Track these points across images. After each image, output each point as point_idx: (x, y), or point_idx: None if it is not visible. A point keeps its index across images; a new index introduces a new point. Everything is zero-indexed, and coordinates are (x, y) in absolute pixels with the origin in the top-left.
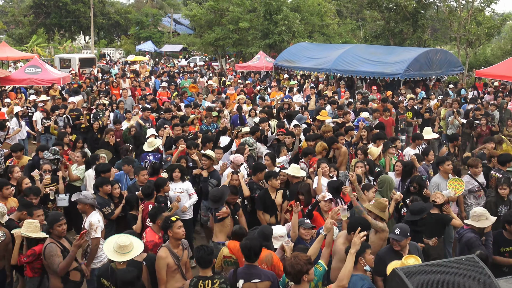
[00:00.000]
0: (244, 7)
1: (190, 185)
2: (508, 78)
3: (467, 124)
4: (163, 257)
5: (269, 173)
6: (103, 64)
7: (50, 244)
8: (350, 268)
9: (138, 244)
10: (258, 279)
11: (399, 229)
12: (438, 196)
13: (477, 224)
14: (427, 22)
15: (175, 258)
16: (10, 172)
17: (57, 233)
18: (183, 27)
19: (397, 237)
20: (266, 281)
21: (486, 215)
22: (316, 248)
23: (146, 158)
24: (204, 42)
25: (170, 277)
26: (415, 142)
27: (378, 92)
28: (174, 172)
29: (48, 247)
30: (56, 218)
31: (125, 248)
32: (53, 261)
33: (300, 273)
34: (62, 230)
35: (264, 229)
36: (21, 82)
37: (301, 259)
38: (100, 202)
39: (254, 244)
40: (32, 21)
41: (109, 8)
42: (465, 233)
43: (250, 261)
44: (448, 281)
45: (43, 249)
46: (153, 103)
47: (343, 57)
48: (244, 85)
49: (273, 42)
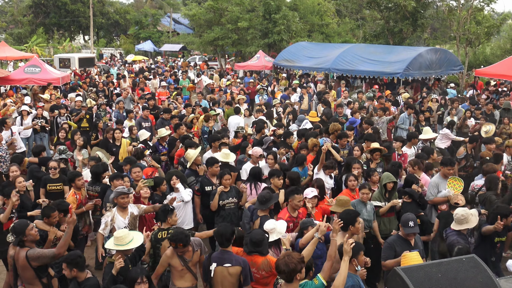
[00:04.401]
0: (243, 6)
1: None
2: (508, 77)
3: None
4: (168, 256)
5: (272, 172)
6: (102, 64)
7: (29, 250)
8: (345, 275)
9: (137, 237)
10: (229, 263)
11: (412, 221)
12: (460, 199)
13: (461, 227)
14: (426, 22)
15: (181, 260)
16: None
17: (32, 238)
18: (183, 26)
19: (414, 230)
20: (236, 266)
21: (468, 216)
22: (310, 250)
23: None
24: (204, 42)
25: (178, 277)
26: (410, 141)
27: (378, 92)
28: (172, 180)
29: (30, 251)
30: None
31: (121, 239)
32: (44, 253)
33: (293, 271)
34: (35, 233)
35: (254, 235)
36: (21, 82)
37: (294, 257)
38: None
39: (225, 231)
40: (32, 20)
41: (109, 8)
42: (450, 235)
43: (223, 247)
44: (449, 281)
45: (25, 258)
46: (151, 102)
47: (342, 57)
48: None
49: (272, 41)
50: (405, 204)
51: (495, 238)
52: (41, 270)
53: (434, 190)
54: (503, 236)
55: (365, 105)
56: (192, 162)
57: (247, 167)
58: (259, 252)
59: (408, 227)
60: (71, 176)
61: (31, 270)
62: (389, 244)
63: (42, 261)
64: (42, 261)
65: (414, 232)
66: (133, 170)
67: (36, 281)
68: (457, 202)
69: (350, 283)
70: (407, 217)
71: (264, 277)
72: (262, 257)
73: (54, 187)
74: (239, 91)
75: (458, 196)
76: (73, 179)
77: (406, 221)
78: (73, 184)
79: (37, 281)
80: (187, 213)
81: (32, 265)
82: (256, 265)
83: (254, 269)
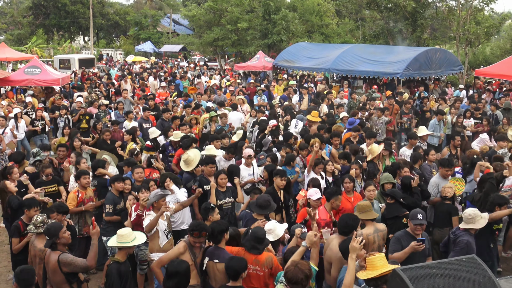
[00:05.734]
0: (243, 7)
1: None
2: (508, 77)
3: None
4: (180, 250)
5: (276, 171)
6: (102, 65)
7: (62, 254)
8: (353, 273)
9: (140, 236)
10: (217, 259)
11: (421, 214)
12: (448, 191)
13: (467, 226)
14: (426, 22)
15: (192, 255)
16: (8, 173)
17: (64, 241)
18: (182, 27)
19: (423, 222)
20: (222, 263)
21: (476, 217)
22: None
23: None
24: (203, 42)
25: None
26: (410, 142)
27: (378, 92)
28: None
29: (62, 256)
30: (58, 226)
31: (123, 237)
32: (76, 262)
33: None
34: (68, 236)
35: (258, 230)
36: (21, 83)
37: (303, 269)
38: (112, 199)
39: (216, 227)
40: (31, 22)
41: (108, 9)
42: (460, 235)
43: (215, 242)
44: (449, 281)
45: (57, 262)
46: (151, 102)
47: (342, 57)
48: (243, 85)
49: (272, 42)
50: (388, 206)
51: (493, 226)
52: (72, 275)
53: (434, 190)
54: (499, 224)
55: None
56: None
57: (241, 169)
58: (258, 250)
59: (416, 219)
60: (78, 174)
61: (62, 275)
62: (396, 238)
63: (73, 269)
64: (73, 269)
65: (421, 224)
66: (135, 170)
67: (66, 285)
68: (445, 195)
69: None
70: (416, 211)
71: (267, 274)
72: (267, 254)
73: (50, 189)
74: (238, 92)
75: (445, 189)
76: (79, 177)
77: (414, 214)
78: (79, 182)
79: (67, 286)
80: (185, 213)
81: (62, 270)
82: (260, 262)
83: (258, 267)
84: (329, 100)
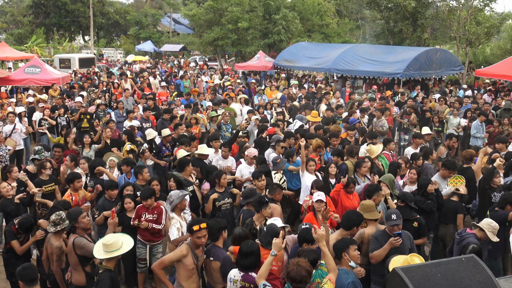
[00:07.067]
0: (243, 7)
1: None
2: (508, 77)
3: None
4: (183, 253)
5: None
6: (102, 64)
7: (77, 237)
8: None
9: (126, 239)
10: (212, 257)
11: (395, 215)
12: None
13: (493, 238)
14: (426, 22)
15: (194, 258)
16: (8, 171)
17: (83, 225)
18: (183, 26)
19: (397, 222)
20: (216, 261)
21: (489, 227)
22: (264, 271)
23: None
24: (204, 42)
25: (186, 277)
26: (415, 141)
27: (378, 92)
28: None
29: (77, 239)
30: (79, 211)
31: (111, 246)
32: (88, 247)
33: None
34: (87, 221)
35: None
36: (21, 82)
37: (305, 266)
38: (102, 205)
39: (215, 225)
40: (32, 21)
41: (109, 8)
42: (467, 237)
43: (213, 240)
44: (448, 281)
45: (72, 243)
46: (150, 102)
47: (342, 57)
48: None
49: (272, 41)
50: (398, 208)
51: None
52: (85, 258)
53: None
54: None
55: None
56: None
57: (242, 167)
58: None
59: (391, 220)
60: (71, 177)
61: (75, 256)
62: (374, 237)
63: (84, 253)
64: (85, 253)
65: (396, 224)
66: (143, 171)
67: (79, 267)
68: (457, 188)
69: (351, 279)
70: (390, 211)
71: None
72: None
73: (50, 187)
74: (238, 91)
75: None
76: (72, 180)
77: (389, 215)
78: (71, 185)
79: (79, 268)
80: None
81: (76, 252)
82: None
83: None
84: (327, 100)
